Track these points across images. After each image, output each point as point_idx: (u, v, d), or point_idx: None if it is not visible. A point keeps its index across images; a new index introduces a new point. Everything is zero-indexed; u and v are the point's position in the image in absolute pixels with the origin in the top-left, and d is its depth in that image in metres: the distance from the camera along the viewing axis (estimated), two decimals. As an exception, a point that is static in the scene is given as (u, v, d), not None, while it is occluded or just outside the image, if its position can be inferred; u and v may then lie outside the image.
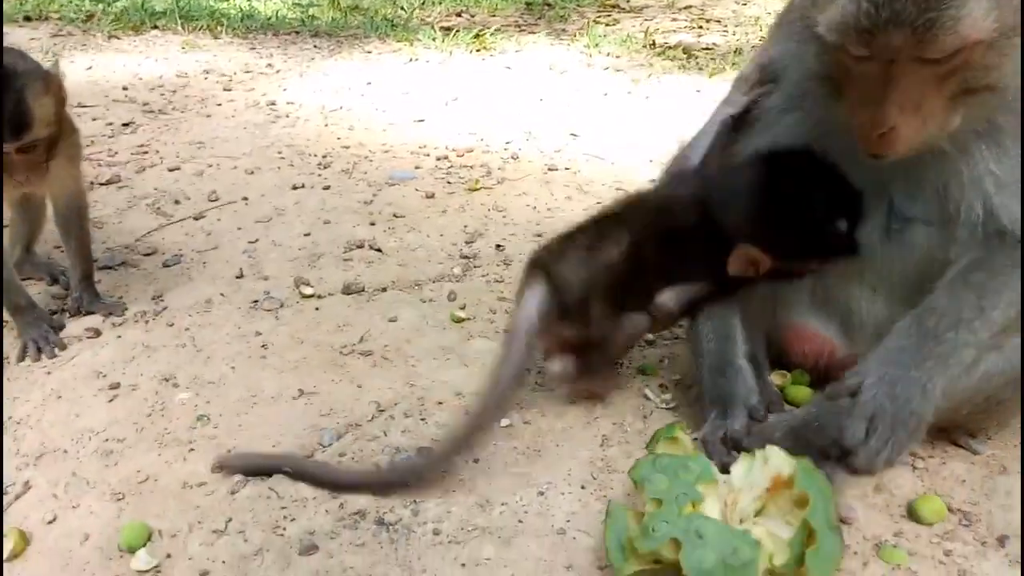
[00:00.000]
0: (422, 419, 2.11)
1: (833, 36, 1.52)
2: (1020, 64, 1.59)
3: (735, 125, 2.03)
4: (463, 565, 1.66)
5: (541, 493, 1.84)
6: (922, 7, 1.41)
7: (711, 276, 2.00)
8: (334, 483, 1.85)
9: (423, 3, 7.88)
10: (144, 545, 1.70)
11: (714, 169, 2.05)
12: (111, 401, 2.19)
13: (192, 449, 2.01)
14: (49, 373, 2.35)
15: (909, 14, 1.41)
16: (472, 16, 7.30)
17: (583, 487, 1.86)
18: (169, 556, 1.70)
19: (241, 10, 7.30)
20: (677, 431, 1.80)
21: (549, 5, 7.75)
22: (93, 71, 5.39)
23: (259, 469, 1.90)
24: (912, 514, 1.75)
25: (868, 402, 1.66)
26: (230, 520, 1.78)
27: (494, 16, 7.30)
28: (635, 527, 1.56)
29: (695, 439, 1.90)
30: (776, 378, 2.14)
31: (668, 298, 2.05)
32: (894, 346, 1.72)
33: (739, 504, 1.61)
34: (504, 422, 2.06)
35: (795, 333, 2.11)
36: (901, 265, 1.89)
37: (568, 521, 1.76)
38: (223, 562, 1.67)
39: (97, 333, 2.51)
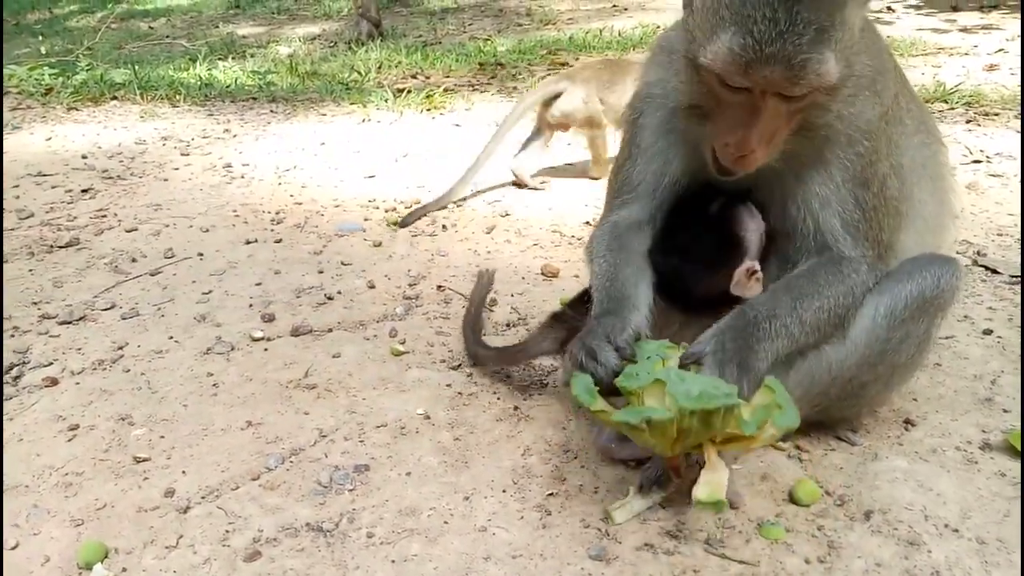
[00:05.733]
0: (361, 441, 2.30)
1: (717, 66, 1.75)
2: (855, 108, 1.89)
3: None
4: (393, 562, 1.84)
5: (466, 498, 2.04)
6: (797, 50, 1.68)
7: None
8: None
9: (379, 67, 8.23)
10: (101, 561, 1.86)
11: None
12: (70, 440, 2.35)
13: (147, 478, 2.17)
14: (11, 419, 2.50)
15: (786, 55, 1.68)
16: (427, 78, 7.64)
17: (504, 491, 2.06)
18: (125, 570, 1.85)
19: (200, 79, 7.58)
20: None
21: (501, 65, 8.13)
22: (52, 141, 5.60)
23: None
24: (791, 497, 1.98)
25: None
26: (181, 537, 1.95)
27: (448, 77, 7.63)
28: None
29: None
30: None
31: None
32: (723, 326, 1.95)
33: None
34: (436, 439, 2.27)
35: None
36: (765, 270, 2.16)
37: (489, 520, 1.96)
38: (174, 572, 1.84)
39: (54, 382, 2.67)
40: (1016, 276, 3.18)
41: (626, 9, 11.15)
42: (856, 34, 1.79)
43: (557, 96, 4.42)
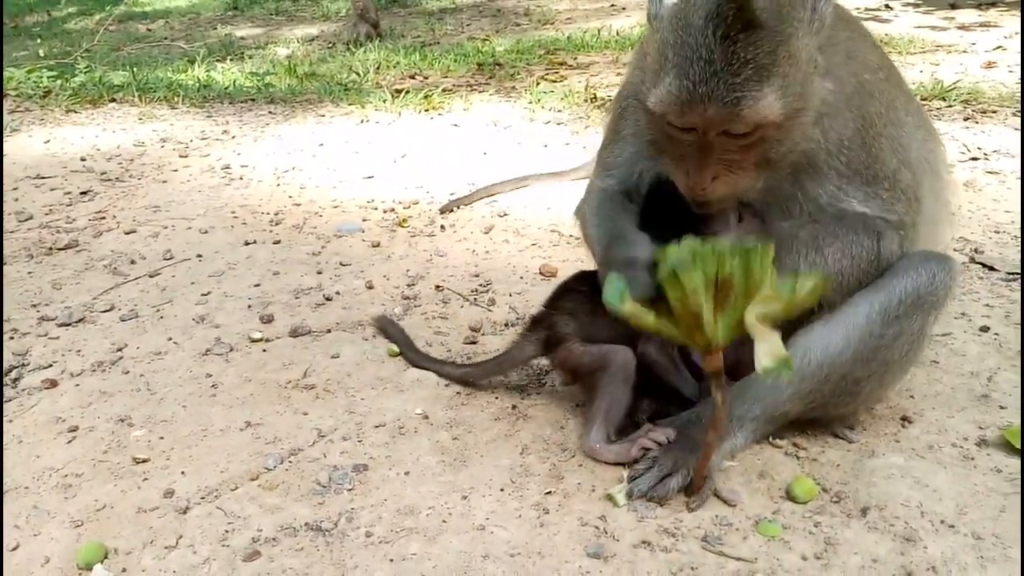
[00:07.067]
0: (359, 441, 2.31)
1: (660, 108, 1.82)
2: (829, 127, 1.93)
3: None
4: (391, 561, 1.85)
5: (464, 497, 2.05)
6: (730, 89, 1.73)
7: None
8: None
9: (378, 68, 8.22)
10: (101, 562, 1.87)
11: None
12: (70, 442, 2.36)
13: (146, 479, 2.18)
14: (11, 421, 2.51)
15: (720, 94, 1.73)
16: (425, 78, 7.64)
17: (502, 490, 2.07)
18: (124, 570, 1.86)
19: (198, 80, 7.58)
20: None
21: (499, 65, 8.12)
22: (51, 144, 5.60)
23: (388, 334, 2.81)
24: (788, 495, 1.99)
25: None
26: (181, 537, 1.96)
27: (446, 77, 7.63)
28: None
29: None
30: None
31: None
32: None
33: None
34: (434, 439, 2.27)
35: None
36: None
37: (487, 519, 1.97)
38: (173, 572, 1.85)
39: (54, 384, 2.67)
40: (1013, 273, 3.18)
41: (624, 8, 11.15)
42: (809, 65, 1.81)
43: None
